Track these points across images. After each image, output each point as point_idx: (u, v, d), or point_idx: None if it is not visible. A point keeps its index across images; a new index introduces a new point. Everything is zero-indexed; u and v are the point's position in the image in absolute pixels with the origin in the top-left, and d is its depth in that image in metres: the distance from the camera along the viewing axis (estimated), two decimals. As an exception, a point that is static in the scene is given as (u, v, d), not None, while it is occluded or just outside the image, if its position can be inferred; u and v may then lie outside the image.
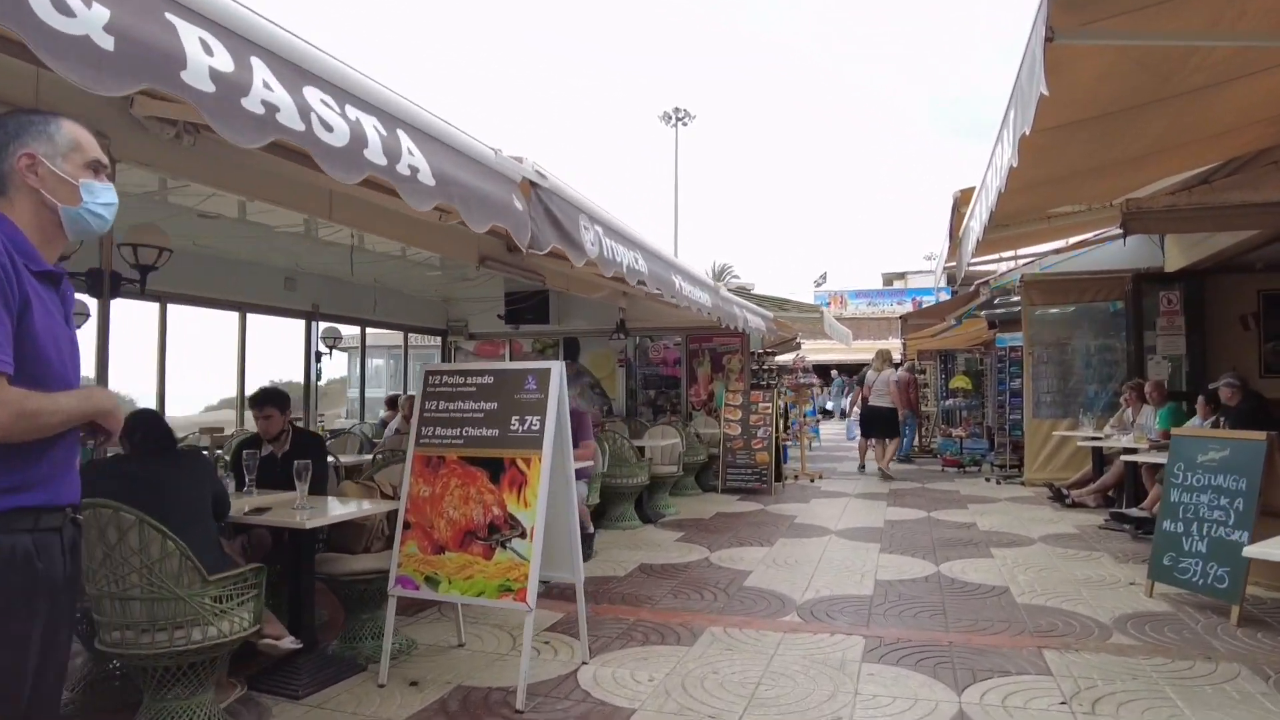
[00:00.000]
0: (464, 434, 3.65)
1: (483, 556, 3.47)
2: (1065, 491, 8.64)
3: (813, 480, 11.01)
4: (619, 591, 5.23)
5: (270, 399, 4.32)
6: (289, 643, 3.49)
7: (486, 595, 3.45)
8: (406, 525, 3.69)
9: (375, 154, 2.66)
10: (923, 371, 16.00)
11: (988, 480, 10.79)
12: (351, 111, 2.63)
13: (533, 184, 3.76)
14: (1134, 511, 6.71)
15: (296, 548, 3.64)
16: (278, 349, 10.60)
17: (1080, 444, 8.18)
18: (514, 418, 3.56)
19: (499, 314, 12.01)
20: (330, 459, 4.96)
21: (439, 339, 13.18)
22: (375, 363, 21.49)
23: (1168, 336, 9.31)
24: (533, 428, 3.51)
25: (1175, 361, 9.34)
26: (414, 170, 2.85)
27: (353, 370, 21.12)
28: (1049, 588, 5.18)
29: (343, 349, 20.44)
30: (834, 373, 21.14)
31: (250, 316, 9.43)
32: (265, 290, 9.42)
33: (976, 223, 5.76)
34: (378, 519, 4.02)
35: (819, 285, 39.25)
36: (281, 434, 4.42)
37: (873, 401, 12.62)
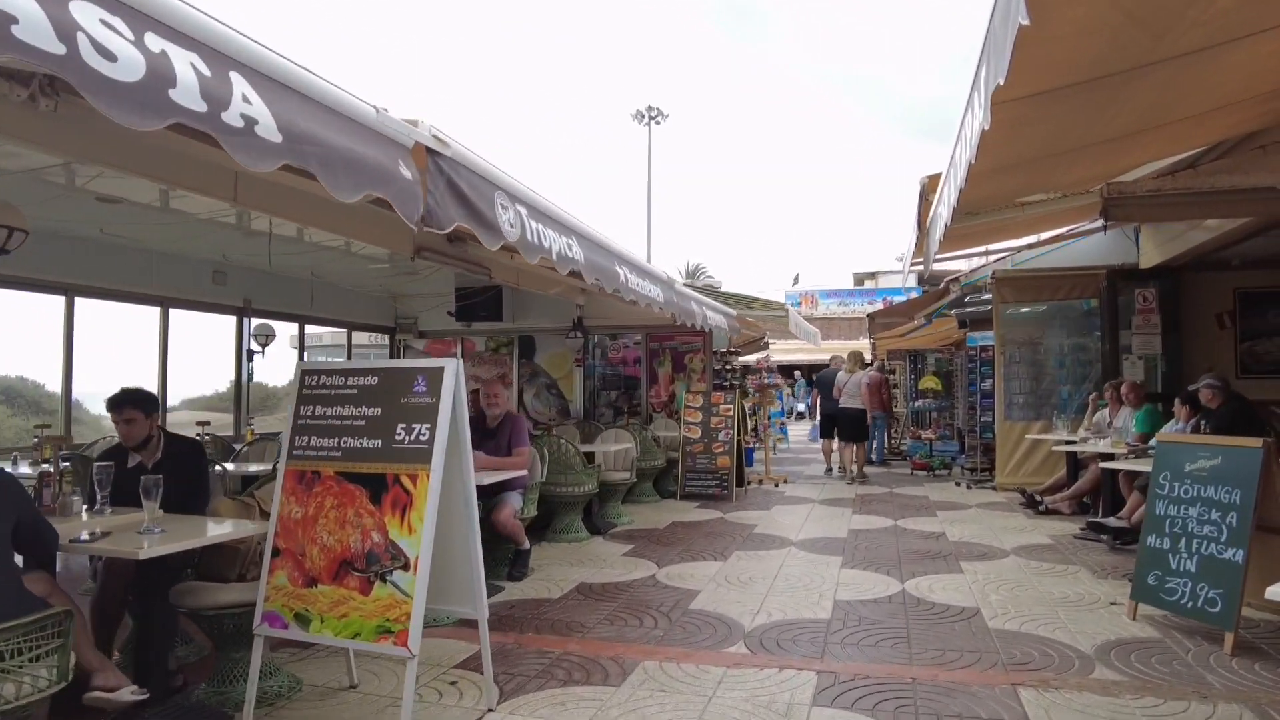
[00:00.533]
0: (342, 445, 3.08)
1: (359, 591, 2.91)
2: (1038, 498, 8.23)
3: (777, 485, 10.53)
4: (549, 617, 4.67)
5: (131, 400, 3.71)
6: (129, 694, 2.89)
7: (363, 637, 2.89)
8: (276, 552, 3.11)
9: (188, 97, 2.10)
10: (892, 372, 15.62)
11: (958, 485, 10.39)
12: (154, 41, 2.07)
13: (430, 151, 3.20)
14: (1111, 521, 6.29)
15: (142, 579, 3.06)
16: (206, 347, 9.91)
17: (1055, 448, 7.75)
18: (399, 426, 3.00)
19: (449, 311, 11.42)
20: (218, 469, 4.35)
21: (387, 337, 12.54)
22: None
23: (1143, 335, 8.95)
24: (420, 438, 2.95)
25: (1151, 361, 8.98)
26: (250, 121, 2.29)
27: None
28: (1024, 608, 4.72)
29: (292, 348, 19.73)
30: (796, 373, 20.70)
31: (173, 312, 8.74)
32: (191, 284, 8.74)
33: (945, 208, 5.31)
34: (253, 542, 3.44)
35: (795, 285, 38.95)
36: (149, 441, 3.82)
37: (843, 403, 12.21)
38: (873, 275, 36.69)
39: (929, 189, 6.12)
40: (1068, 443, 8.03)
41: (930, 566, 5.80)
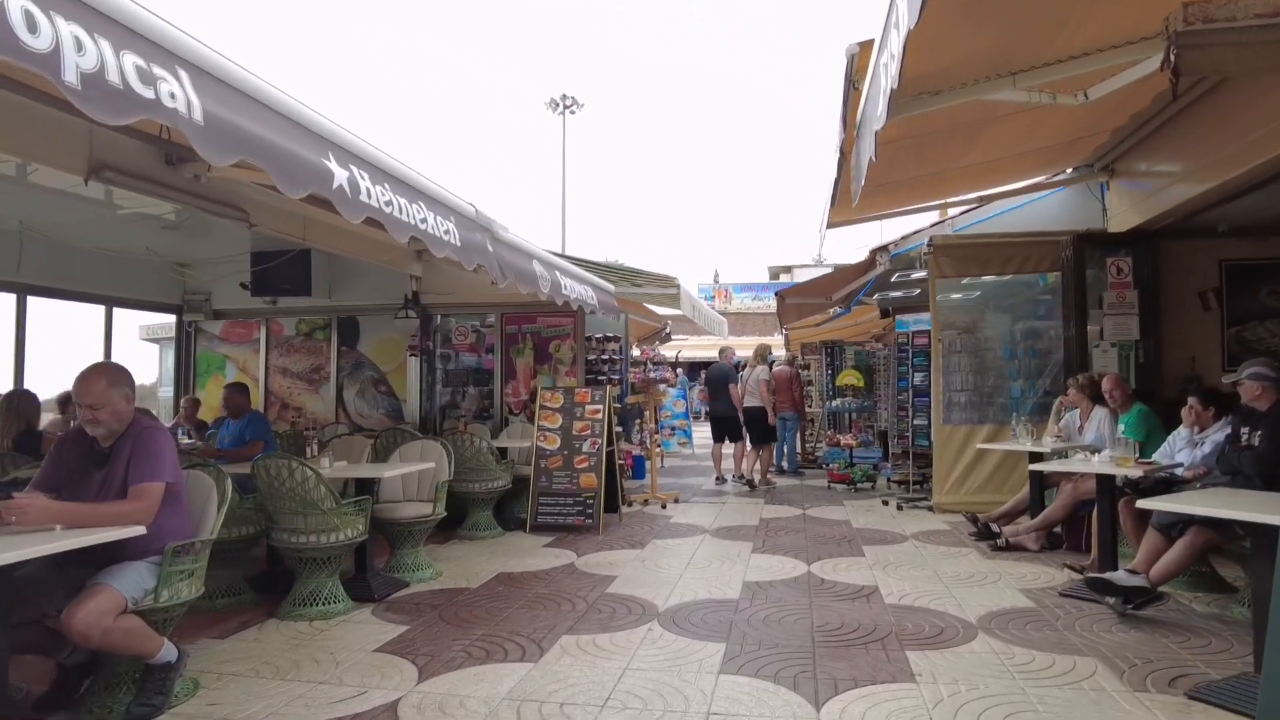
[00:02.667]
0: None
1: None
2: (995, 528, 6.23)
3: (664, 506, 8.29)
4: None
5: None
6: None
7: None
8: None
9: None
10: (806, 366, 13.63)
11: (885, 504, 8.36)
12: None
13: None
14: (1122, 577, 4.24)
15: None
16: None
17: (1034, 467, 5.65)
18: None
19: (243, 283, 8.77)
20: None
21: (174, 318, 9.76)
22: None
23: (1118, 316, 7.07)
24: None
25: (1127, 349, 7.12)
26: None
27: (165, 365, 17.10)
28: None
29: (151, 340, 16.49)
30: (677, 370, 18.54)
31: None
32: None
33: (886, 76, 3.17)
34: None
35: (715, 282, 37.14)
36: None
37: (747, 402, 10.14)
38: (788, 269, 35.20)
39: (858, 67, 3.96)
40: (1037, 456, 6.04)
41: (864, 665, 3.61)
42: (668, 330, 16.61)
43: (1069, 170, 7.64)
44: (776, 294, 9.25)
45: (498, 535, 6.79)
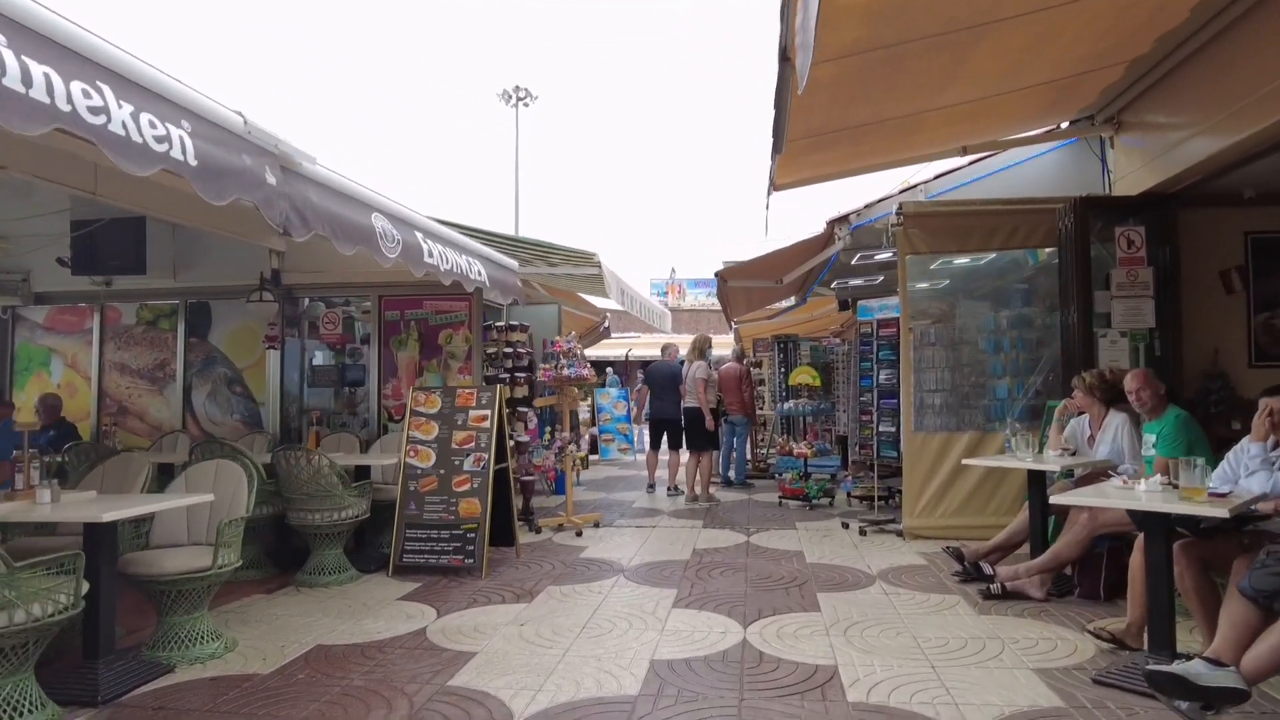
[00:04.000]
0: None
1: None
2: (987, 568, 4.84)
3: (580, 533, 6.78)
4: None
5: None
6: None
7: None
8: None
9: None
10: (757, 364, 12.23)
11: (846, 526, 6.95)
12: None
13: None
14: (1202, 673, 2.82)
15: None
16: None
17: (1058, 499, 4.11)
18: None
19: (60, 258, 7.06)
20: None
21: (-18, 303, 7.97)
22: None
23: (1129, 299, 5.74)
24: None
25: (1139, 339, 5.80)
26: None
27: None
28: None
29: None
30: (609, 370, 17.03)
31: None
32: None
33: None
34: None
35: (672, 278, 35.72)
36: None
37: (686, 403, 8.71)
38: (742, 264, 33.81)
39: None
40: (1038, 475, 4.66)
41: None
42: (606, 325, 15.12)
43: (1065, 124, 6.33)
44: (716, 274, 7.78)
45: (348, 581, 5.21)
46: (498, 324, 6.95)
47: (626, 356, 24.50)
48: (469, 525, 5.40)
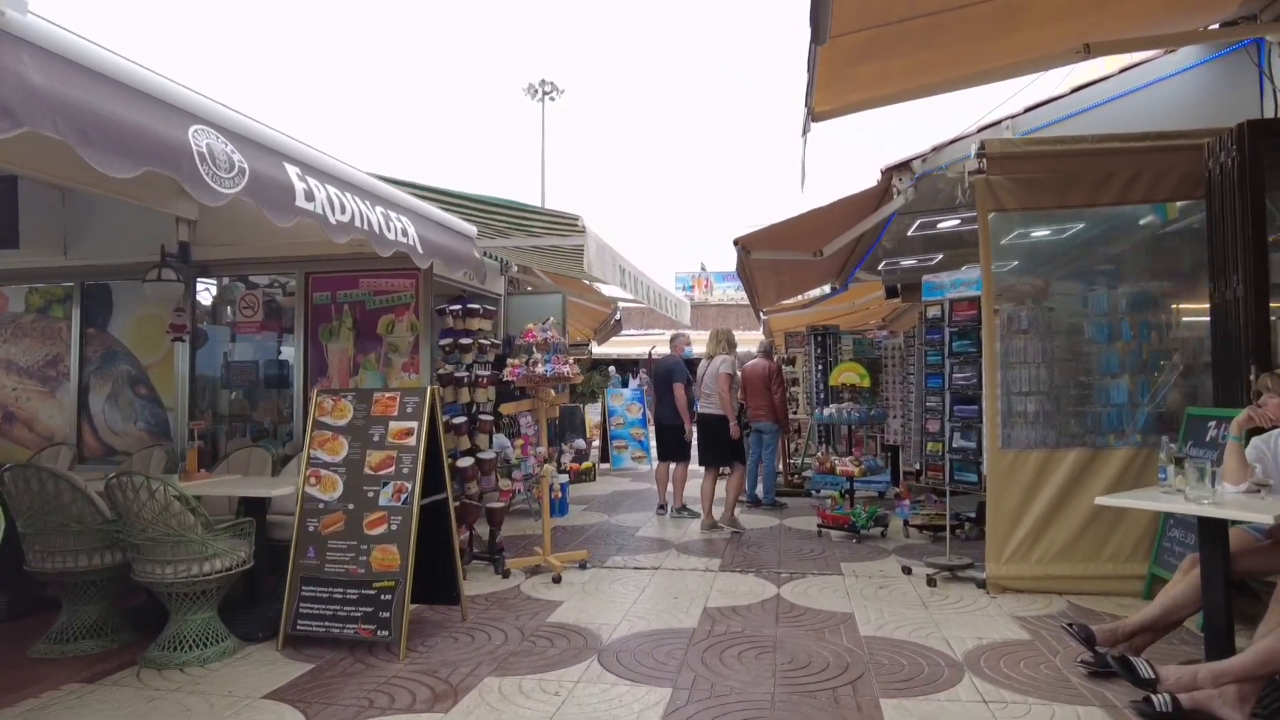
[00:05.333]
0: None
1: None
2: (1144, 670, 3.19)
3: (558, 578, 5.22)
4: None
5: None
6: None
7: None
8: None
9: None
10: (790, 361, 10.58)
11: (907, 573, 5.31)
12: None
13: None
14: None
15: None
16: None
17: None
18: None
19: (-84, 229, 5.68)
20: None
21: None
22: None
23: (1324, 263, 4.05)
24: None
25: (1336, 322, 4.11)
26: None
27: None
28: None
29: None
30: (611, 368, 15.37)
31: None
32: None
33: None
34: None
35: (702, 271, 34.13)
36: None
37: (702, 407, 7.13)
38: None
39: None
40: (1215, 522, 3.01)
41: None
42: (618, 317, 13.57)
43: (1210, 25, 4.65)
44: (736, 241, 6.13)
45: (217, 658, 3.71)
46: (451, 307, 5.43)
47: (650, 354, 22.92)
48: (384, 582, 3.87)
